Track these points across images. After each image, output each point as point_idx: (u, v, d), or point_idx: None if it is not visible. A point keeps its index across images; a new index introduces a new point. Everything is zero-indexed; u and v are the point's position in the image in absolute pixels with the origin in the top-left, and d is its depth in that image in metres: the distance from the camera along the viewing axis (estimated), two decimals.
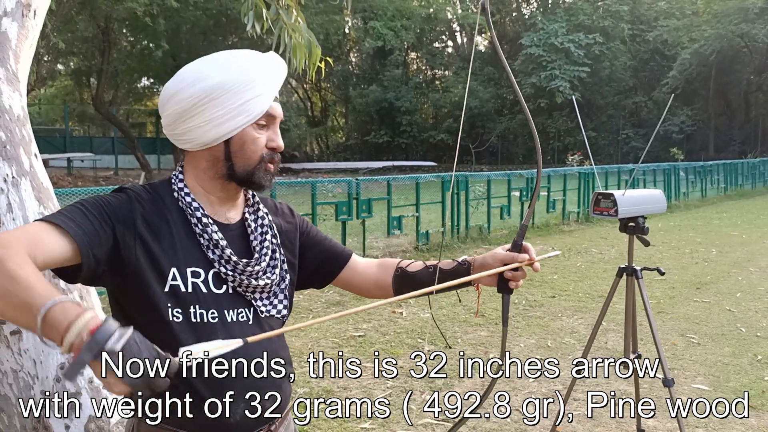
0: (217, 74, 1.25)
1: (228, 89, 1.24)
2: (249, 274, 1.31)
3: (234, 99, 1.25)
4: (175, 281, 1.23)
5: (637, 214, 2.45)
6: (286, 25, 3.37)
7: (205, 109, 1.25)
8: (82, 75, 24.61)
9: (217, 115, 1.25)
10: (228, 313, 1.28)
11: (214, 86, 1.24)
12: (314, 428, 3.38)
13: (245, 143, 1.29)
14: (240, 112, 1.26)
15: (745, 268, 7.70)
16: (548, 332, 5.15)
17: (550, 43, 31.31)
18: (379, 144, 36.46)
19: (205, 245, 1.28)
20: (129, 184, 1.29)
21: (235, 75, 1.25)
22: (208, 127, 1.26)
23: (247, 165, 1.30)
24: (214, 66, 1.27)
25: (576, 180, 12.57)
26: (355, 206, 8.02)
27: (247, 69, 1.27)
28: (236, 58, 1.29)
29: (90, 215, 1.18)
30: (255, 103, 1.27)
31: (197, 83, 1.24)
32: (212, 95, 1.24)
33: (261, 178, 1.31)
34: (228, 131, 1.27)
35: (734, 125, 32.02)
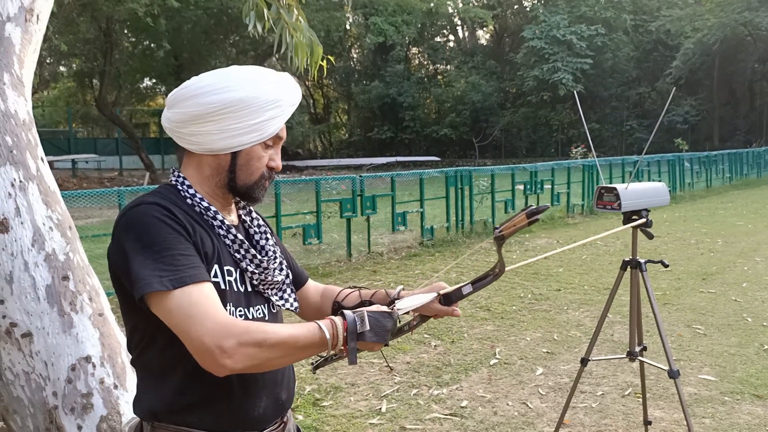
0: (243, 89, 1.27)
1: (249, 105, 1.27)
2: (269, 271, 1.36)
3: (253, 116, 1.28)
4: (217, 278, 1.27)
5: (641, 208, 2.45)
6: (287, 24, 3.38)
7: (222, 119, 1.27)
8: (84, 76, 24.67)
9: (232, 128, 1.28)
10: (250, 310, 1.33)
11: (237, 100, 1.27)
12: (323, 425, 3.40)
13: (251, 159, 1.33)
14: (255, 129, 1.29)
15: (751, 258, 7.69)
16: (554, 325, 5.16)
17: (552, 36, 31.18)
18: (383, 140, 36.43)
19: (230, 245, 1.32)
20: (140, 200, 1.28)
21: (259, 94, 1.28)
22: (220, 137, 1.29)
23: (249, 180, 1.34)
24: (237, 81, 1.29)
25: (580, 173, 12.55)
26: (359, 203, 8.03)
27: (272, 90, 1.30)
28: (263, 78, 1.31)
29: (185, 250, 1.21)
30: (271, 124, 1.31)
31: (221, 93, 1.26)
32: (233, 108, 1.27)
33: (258, 193, 1.37)
34: (238, 145, 1.30)
35: (739, 114, 31.85)
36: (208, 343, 1.13)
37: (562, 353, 4.51)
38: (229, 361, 1.13)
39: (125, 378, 2.53)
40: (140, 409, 1.33)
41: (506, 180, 10.83)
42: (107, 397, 2.45)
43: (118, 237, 1.24)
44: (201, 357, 1.15)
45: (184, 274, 1.17)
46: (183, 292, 1.16)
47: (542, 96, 32.53)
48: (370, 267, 7.57)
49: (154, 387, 1.29)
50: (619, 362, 4.20)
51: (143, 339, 1.29)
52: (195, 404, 1.27)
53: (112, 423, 2.42)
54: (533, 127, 35.40)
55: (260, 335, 1.15)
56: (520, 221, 1.33)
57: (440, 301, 1.44)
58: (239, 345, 1.13)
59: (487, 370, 4.21)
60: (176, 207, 1.27)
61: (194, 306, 1.15)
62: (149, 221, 1.21)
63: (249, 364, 1.15)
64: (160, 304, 1.17)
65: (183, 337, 1.16)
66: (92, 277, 2.61)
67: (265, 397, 1.33)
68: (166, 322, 1.18)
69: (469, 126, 35.29)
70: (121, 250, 1.22)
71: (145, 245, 1.19)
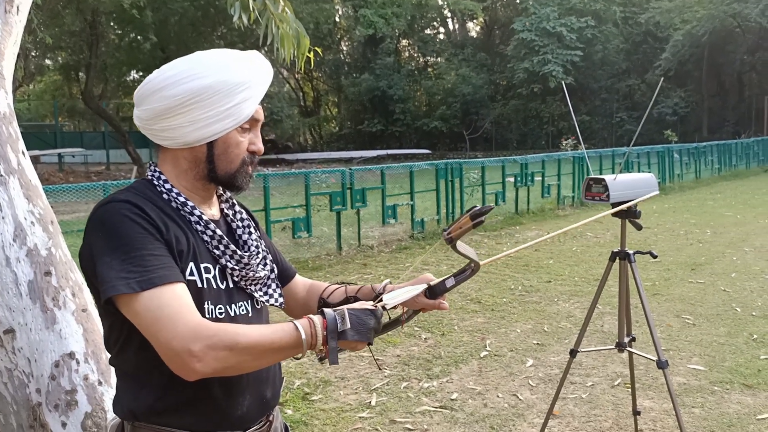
0: (207, 75, 1.22)
1: (216, 92, 1.22)
2: (250, 266, 1.32)
3: (222, 102, 1.22)
4: (193, 276, 1.23)
5: (629, 199, 2.44)
6: (273, 15, 3.34)
7: (191, 110, 1.22)
8: (70, 69, 24.41)
9: (203, 117, 1.23)
10: (231, 307, 1.29)
11: (203, 88, 1.21)
12: (312, 419, 3.38)
13: (229, 147, 1.27)
14: (227, 115, 1.24)
15: (740, 249, 7.73)
16: (544, 317, 5.16)
17: (542, 28, 31.17)
18: (373, 133, 36.33)
19: (209, 241, 1.28)
20: (111, 198, 1.22)
21: (224, 78, 1.22)
22: (191, 128, 1.24)
23: (229, 168, 1.28)
24: (203, 66, 1.23)
25: (570, 165, 12.57)
26: (349, 196, 8.00)
27: (237, 72, 1.24)
28: (226, 60, 1.25)
29: (155, 250, 1.16)
30: (242, 107, 1.25)
31: (185, 83, 1.21)
32: (200, 97, 1.21)
33: (241, 181, 1.31)
34: (213, 134, 1.25)
35: (728, 106, 32.00)
36: (177, 346, 1.09)
37: (552, 345, 4.51)
38: (198, 365, 1.09)
39: (110, 374, 2.50)
40: (120, 409, 1.29)
41: (497, 172, 10.83)
42: (92, 393, 2.42)
43: (87, 236, 1.19)
44: (170, 361, 1.11)
45: (154, 275, 1.13)
46: (152, 294, 1.12)
47: (533, 88, 32.54)
48: (361, 260, 7.55)
49: (133, 388, 1.26)
50: (608, 353, 4.21)
51: (119, 339, 1.25)
52: (175, 406, 1.23)
53: (97, 419, 2.39)
54: (524, 119, 35.44)
55: (231, 338, 1.11)
56: (464, 223, 1.28)
57: (426, 294, 1.39)
58: (208, 348, 1.09)
59: (478, 362, 4.21)
60: (150, 203, 1.22)
61: (163, 308, 1.11)
62: (118, 220, 1.16)
63: (220, 367, 1.11)
64: (127, 307, 1.13)
65: (152, 341, 1.13)
66: (75, 273, 2.57)
67: (249, 395, 1.29)
68: (135, 325, 1.14)
69: (460, 118, 35.26)
70: (88, 249, 1.18)
71: (113, 245, 1.14)
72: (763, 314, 5.07)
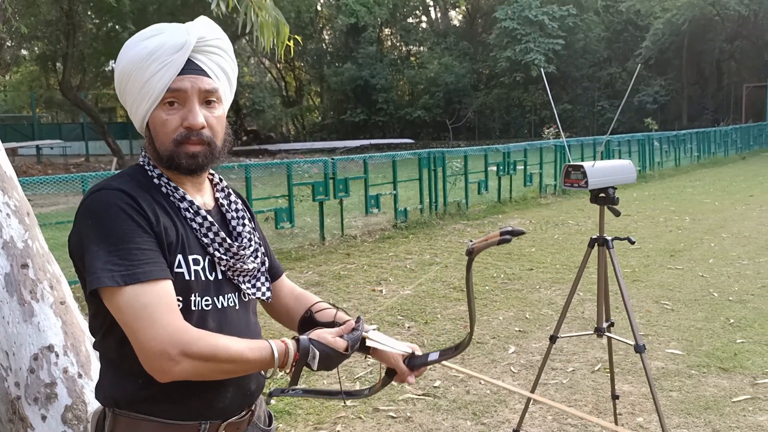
0: (122, 59, 1.23)
1: (129, 73, 1.21)
2: (240, 257, 1.30)
3: (137, 83, 1.21)
4: (180, 268, 1.21)
5: (607, 185, 2.47)
6: (252, 3, 3.31)
7: (126, 97, 1.25)
8: (47, 60, 24.01)
9: (130, 101, 1.24)
10: (219, 299, 1.27)
11: (121, 73, 1.23)
12: (295, 408, 3.39)
13: (156, 127, 1.23)
14: (144, 94, 1.21)
15: (718, 235, 7.84)
16: (526, 304, 5.21)
17: (524, 16, 31.23)
18: (356, 123, 36.25)
19: (197, 229, 1.26)
20: (103, 185, 1.20)
21: (133, 56, 1.20)
22: (132, 114, 1.26)
23: (165, 149, 1.23)
24: (122, 51, 1.24)
25: (552, 153, 12.64)
26: (332, 186, 7.99)
27: (145, 46, 1.20)
28: (135, 39, 1.23)
29: (142, 244, 1.15)
30: (154, 81, 1.19)
31: (115, 72, 1.25)
32: (122, 82, 1.24)
33: (182, 163, 1.23)
34: (142, 117, 1.24)
35: (707, 94, 32.36)
36: (154, 348, 1.09)
37: (533, 331, 4.56)
38: (173, 369, 1.10)
39: (90, 367, 2.48)
40: (103, 396, 1.29)
41: (479, 161, 10.87)
42: (71, 386, 2.41)
43: (77, 221, 1.18)
44: (145, 360, 1.12)
45: (138, 270, 1.11)
46: (135, 289, 1.11)
47: (515, 77, 32.63)
48: (344, 250, 7.55)
49: (116, 376, 1.25)
50: (589, 339, 4.26)
51: (103, 326, 1.24)
52: (157, 396, 1.22)
53: (77, 412, 2.38)
54: (506, 108, 35.55)
55: (210, 349, 1.12)
56: (492, 237, 1.35)
57: (404, 361, 1.42)
58: (185, 355, 1.10)
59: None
60: (142, 192, 1.20)
61: (145, 307, 1.10)
62: (108, 209, 1.15)
63: (192, 374, 1.12)
64: (110, 300, 1.13)
65: (130, 337, 1.12)
66: (53, 265, 2.55)
67: (233, 388, 1.28)
68: (116, 318, 1.14)
69: (443, 108, 35.29)
70: (78, 236, 1.17)
71: (101, 235, 1.13)
72: (739, 299, 5.16)
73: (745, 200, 10.75)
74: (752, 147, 22.13)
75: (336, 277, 6.25)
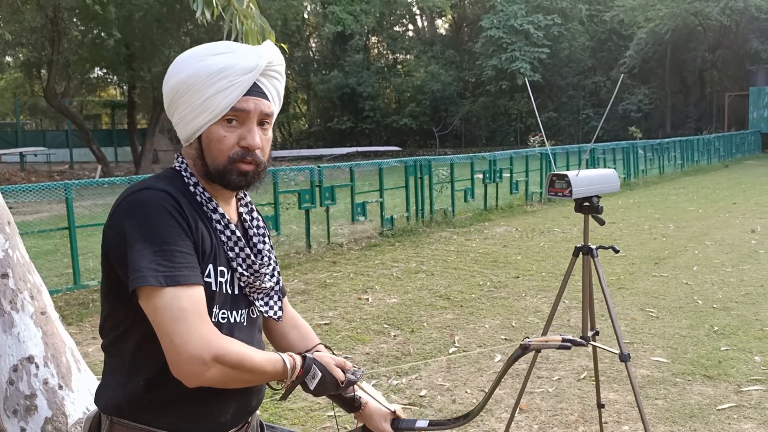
0: (184, 69, 1.22)
1: (191, 85, 1.21)
2: (260, 275, 1.31)
3: (197, 96, 1.21)
4: (209, 278, 1.22)
5: (591, 194, 2.48)
6: (237, 11, 3.30)
7: (178, 106, 1.24)
8: (32, 67, 23.79)
9: (186, 113, 1.23)
10: (233, 313, 1.28)
11: (180, 82, 1.22)
12: (280, 419, 3.36)
13: (211, 142, 1.24)
14: (203, 109, 1.22)
15: (702, 242, 7.92)
16: (513, 312, 5.22)
17: (509, 25, 31.47)
18: (343, 130, 36.27)
19: (225, 242, 1.27)
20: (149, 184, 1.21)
21: (199, 69, 1.21)
22: (182, 124, 1.25)
23: (216, 165, 1.24)
24: (184, 60, 1.24)
25: (538, 161, 12.71)
26: (318, 194, 7.97)
27: (215, 62, 1.21)
28: (204, 52, 1.24)
29: (184, 248, 1.16)
30: (219, 98, 1.21)
31: (171, 79, 1.23)
32: (179, 92, 1.23)
33: (232, 180, 1.25)
34: (195, 129, 1.24)
35: (690, 102, 32.74)
36: (189, 351, 1.10)
37: (520, 339, 4.55)
38: (205, 374, 1.12)
39: (70, 378, 2.45)
40: (103, 401, 1.26)
41: (466, 169, 10.90)
42: (52, 398, 2.37)
43: (118, 218, 1.17)
44: (178, 363, 1.12)
45: (179, 273, 1.13)
46: (174, 292, 1.12)
47: (501, 85, 32.84)
48: (330, 258, 7.53)
49: (124, 379, 1.24)
50: (574, 347, 4.26)
51: (119, 327, 1.24)
52: (162, 403, 1.22)
53: (58, 424, 2.34)
54: (492, 116, 35.75)
55: (239, 357, 1.16)
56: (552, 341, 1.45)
57: (391, 423, 1.45)
58: (216, 361, 1.13)
59: (446, 358, 4.23)
60: (182, 197, 1.22)
61: (182, 310, 1.11)
62: (155, 210, 1.15)
63: (218, 380, 1.15)
64: (148, 300, 1.12)
65: (163, 339, 1.13)
66: (34, 275, 2.51)
67: (236, 403, 1.29)
68: (149, 316, 1.14)
69: (429, 115, 35.41)
70: (120, 233, 1.16)
71: (145, 234, 1.13)
72: (723, 306, 5.20)
73: (728, 208, 10.87)
74: (735, 155, 22.41)
75: (322, 285, 6.23)
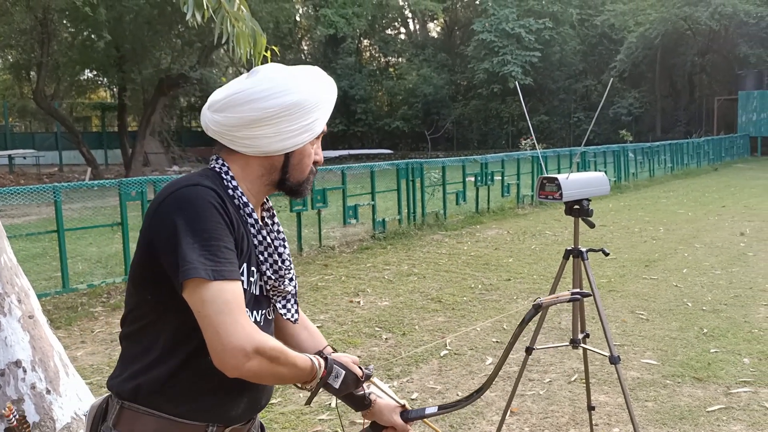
0: (298, 91, 1.30)
1: (303, 107, 1.30)
2: (283, 279, 1.38)
3: (306, 117, 1.32)
4: (243, 277, 1.28)
5: (582, 197, 2.49)
6: (228, 13, 3.29)
7: (280, 122, 1.29)
8: (21, 68, 23.61)
9: (288, 130, 1.31)
10: (254, 313, 1.33)
11: (293, 103, 1.29)
12: (271, 423, 3.35)
13: (303, 158, 1.37)
14: (308, 129, 1.33)
15: (691, 245, 7.96)
16: (504, 315, 5.22)
17: (501, 29, 31.58)
18: (335, 133, 36.21)
19: (257, 245, 1.33)
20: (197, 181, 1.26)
21: (312, 95, 1.32)
22: (276, 139, 1.31)
23: (301, 177, 1.38)
24: (295, 82, 1.31)
25: (529, 164, 12.75)
26: (309, 196, 7.95)
27: (320, 90, 1.34)
28: (311, 78, 1.35)
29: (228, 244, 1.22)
30: (320, 122, 1.35)
31: (280, 96, 1.28)
32: (290, 111, 1.29)
33: (306, 189, 1.41)
34: (293, 145, 1.33)
35: (680, 106, 32.95)
36: (234, 343, 1.15)
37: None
38: (246, 364, 1.17)
39: (58, 382, 2.42)
40: (119, 386, 1.29)
41: (457, 172, 10.92)
42: (39, 402, 2.35)
43: (167, 211, 1.21)
44: (221, 353, 1.16)
45: (224, 268, 1.18)
46: (220, 286, 1.17)
47: (492, 89, 32.93)
48: (322, 261, 7.52)
49: (145, 366, 1.28)
50: (565, 349, 4.28)
51: (148, 315, 1.28)
52: (181, 392, 1.27)
53: (45, 429, 2.32)
54: (484, 119, 35.84)
55: (277, 351, 1.22)
56: (563, 296, 1.52)
57: (401, 415, 1.53)
58: (257, 353, 1.18)
59: (438, 361, 4.23)
60: (226, 198, 1.28)
61: (227, 303, 1.16)
62: (204, 205, 1.21)
63: (257, 372, 1.20)
64: (196, 291, 1.16)
65: (209, 330, 1.17)
66: (21, 278, 2.49)
67: (247, 399, 1.35)
68: (194, 308, 1.18)
69: (421, 119, 35.45)
70: (170, 225, 1.20)
71: (195, 229, 1.19)
72: (712, 309, 5.23)
73: (718, 211, 10.95)
74: (724, 158, 22.58)
75: (314, 288, 6.22)
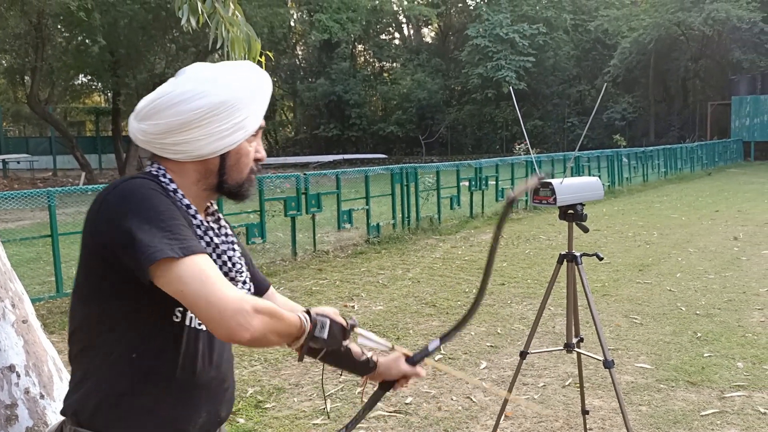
0: (224, 90, 1.25)
1: (231, 105, 1.25)
2: (236, 282, 1.33)
3: (236, 115, 1.26)
4: None
5: (576, 202, 2.50)
6: (222, 18, 3.30)
7: (209, 124, 1.24)
8: (15, 73, 23.58)
9: (219, 130, 1.25)
10: None
11: (220, 102, 1.24)
12: (265, 428, 3.34)
13: (241, 157, 1.31)
14: (240, 127, 1.27)
15: (685, 249, 8.00)
16: (498, 319, 5.23)
17: (495, 34, 31.69)
18: (329, 138, 36.26)
19: (204, 248, 1.28)
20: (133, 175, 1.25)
21: (239, 91, 1.27)
22: (207, 141, 1.26)
23: (240, 178, 1.33)
24: (219, 80, 1.26)
25: (524, 168, 12.78)
26: (304, 201, 7.96)
27: (248, 86, 1.29)
28: (237, 74, 1.30)
29: (184, 223, 1.21)
30: (252, 119, 1.30)
31: (204, 97, 1.23)
32: (217, 110, 1.24)
33: (248, 189, 1.35)
34: (227, 146, 1.28)
35: (673, 111, 33.12)
36: (231, 305, 1.12)
37: (505, 347, 4.57)
38: (252, 322, 1.13)
39: (52, 387, 2.41)
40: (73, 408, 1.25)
41: (452, 176, 10.94)
42: (33, 407, 2.34)
43: (112, 210, 1.18)
44: (222, 320, 1.12)
45: (191, 243, 1.16)
46: (194, 259, 1.14)
47: (487, 93, 33.03)
48: (316, 265, 7.51)
49: (96, 384, 1.24)
50: (560, 354, 4.29)
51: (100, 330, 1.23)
52: (137, 409, 1.23)
53: None
54: (478, 124, 35.93)
55: (271, 307, 1.18)
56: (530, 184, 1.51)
57: (407, 361, 1.51)
58: (256, 311, 1.14)
59: (432, 365, 4.23)
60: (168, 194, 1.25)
61: (206, 273, 1.14)
62: (147, 192, 1.19)
63: (262, 331, 1.15)
64: (169, 271, 1.13)
65: (199, 303, 1.12)
66: (15, 282, 2.48)
67: (205, 413, 1.31)
68: (174, 290, 1.14)
69: (416, 123, 35.51)
70: (119, 222, 1.15)
71: (147, 216, 1.16)
72: (706, 313, 5.25)
73: (711, 215, 11.00)
74: (717, 163, 22.70)
75: (308, 292, 6.21)
